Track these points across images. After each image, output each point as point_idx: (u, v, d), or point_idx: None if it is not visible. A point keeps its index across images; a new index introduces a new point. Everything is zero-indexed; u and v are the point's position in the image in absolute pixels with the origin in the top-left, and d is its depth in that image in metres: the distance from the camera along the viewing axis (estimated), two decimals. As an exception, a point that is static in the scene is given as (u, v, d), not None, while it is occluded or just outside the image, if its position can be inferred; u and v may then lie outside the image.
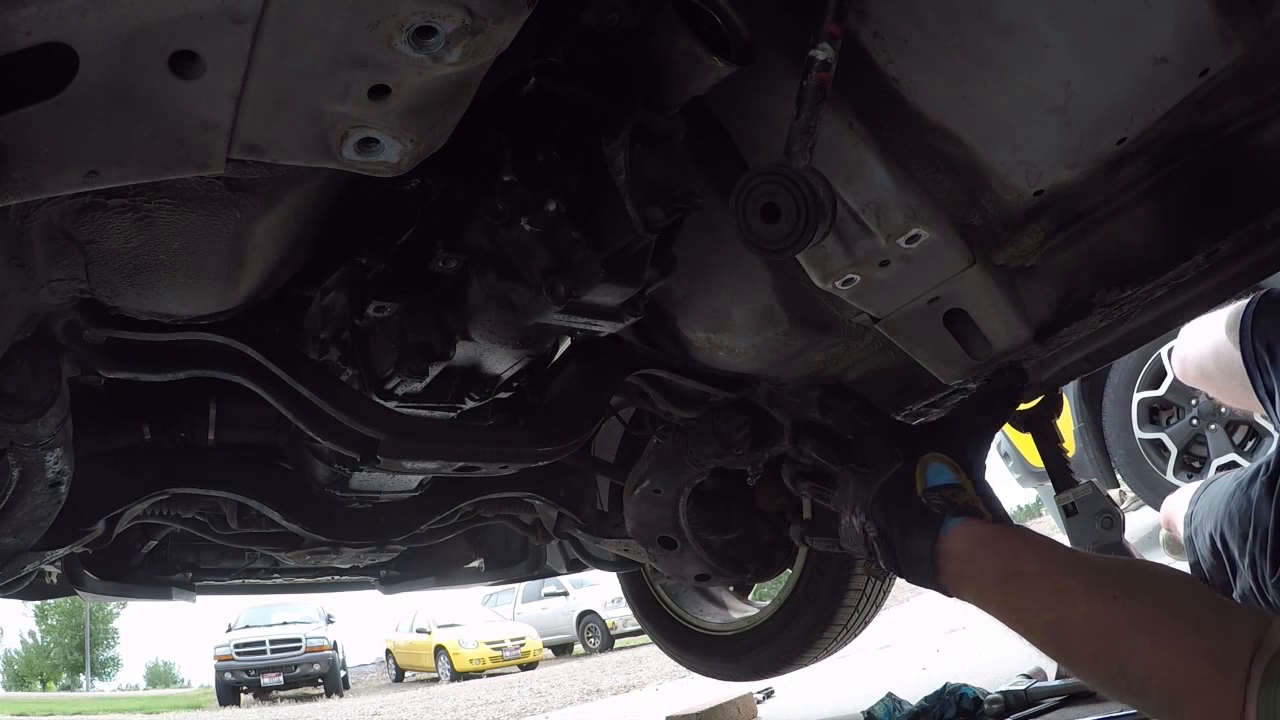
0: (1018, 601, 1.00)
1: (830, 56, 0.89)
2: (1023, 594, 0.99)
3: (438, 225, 1.20)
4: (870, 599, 2.08)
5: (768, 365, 1.49)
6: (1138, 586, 0.93)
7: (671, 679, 4.90)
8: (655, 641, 2.58)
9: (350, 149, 0.81)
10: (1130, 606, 0.90)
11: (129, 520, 1.70)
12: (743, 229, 0.95)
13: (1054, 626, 0.96)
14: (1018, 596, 1.00)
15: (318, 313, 1.32)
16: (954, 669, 2.43)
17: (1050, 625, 0.96)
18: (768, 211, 0.93)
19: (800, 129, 0.91)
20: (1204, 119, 1.03)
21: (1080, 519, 1.79)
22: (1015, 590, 1.00)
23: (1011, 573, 1.01)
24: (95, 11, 0.64)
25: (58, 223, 0.92)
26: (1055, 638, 0.97)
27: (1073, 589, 0.95)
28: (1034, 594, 0.98)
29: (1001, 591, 1.02)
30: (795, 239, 0.92)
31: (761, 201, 0.93)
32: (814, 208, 0.90)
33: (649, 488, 1.81)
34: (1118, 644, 0.89)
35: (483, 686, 9.73)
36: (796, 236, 0.91)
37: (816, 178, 0.91)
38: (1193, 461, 3.62)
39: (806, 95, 0.90)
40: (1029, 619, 0.99)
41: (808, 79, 0.90)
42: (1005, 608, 1.01)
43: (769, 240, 0.93)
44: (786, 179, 0.91)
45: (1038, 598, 0.97)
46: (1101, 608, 0.91)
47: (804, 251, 1.17)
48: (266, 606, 16.87)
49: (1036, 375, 1.47)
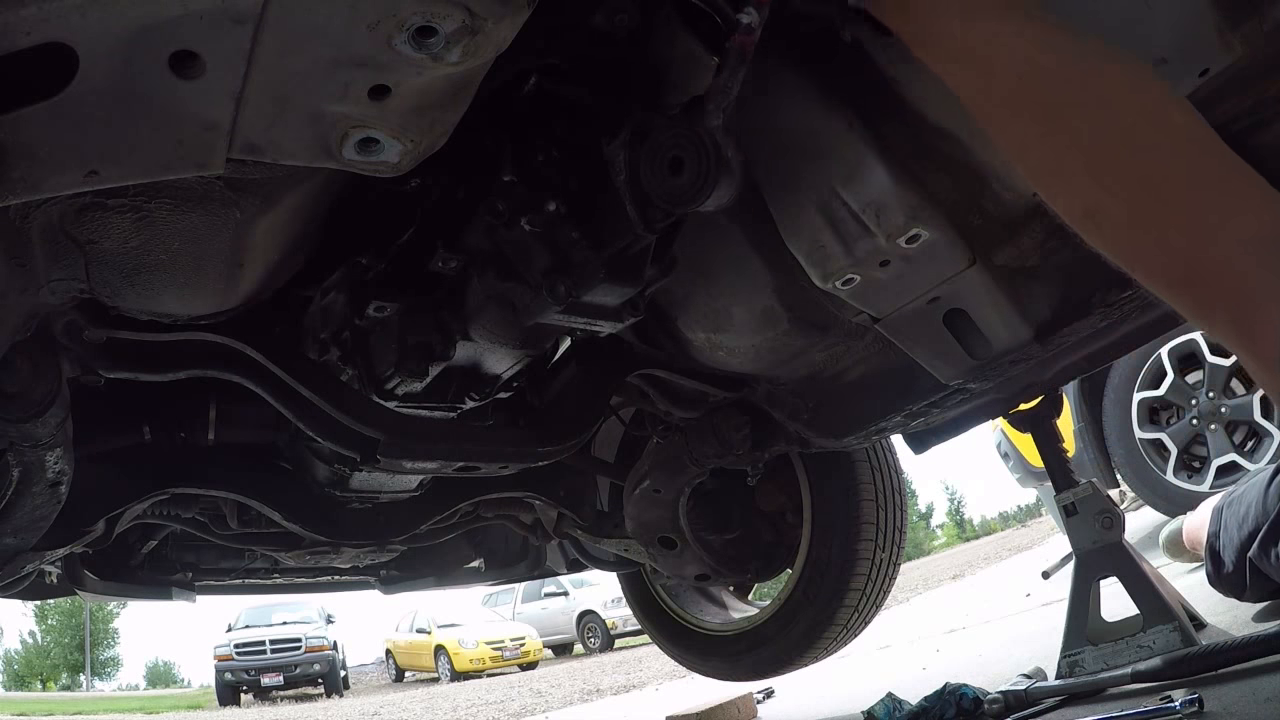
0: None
1: (755, 21, 0.89)
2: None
3: (438, 225, 1.20)
4: (870, 599, 2.07)
5: (768, 365, 1.49)
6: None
7: (671, 679, 4.90)
8: (655, 641, 2.58)
9: (350, 149, 0.81)
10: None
11: (129, 520, 1.70)
12: (646, 179, 0.97)
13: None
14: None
15: (318, 313, 1.32)
16: (954, 669, 2.43)
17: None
18: (674, 164, 0.95)
19: (717, 89, 0.92)
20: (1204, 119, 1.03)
21: (1080, 519, 1.80)
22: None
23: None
24: (95, 11, 0.64)
25: (58, 223, 0.92)
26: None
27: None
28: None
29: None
30: (694, 193, 0.94)
31: (669, 154, 0.95)
32: (717, 165, 0.92)
33: (649, 488, 1.81)
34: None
35: (483, 686, 9.73)
36: (695, 191, 0.93)
37: (727, 138, 0.93)
38: (1193, 461, 3.62)
39: (729, 57, 0.91)
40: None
41: (731, 41, 0.90)
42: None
43: (668, 192, 0.95)
44: (695, 135, 0.93)
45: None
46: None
47: (801, 251, 1.18)
48: (266, 606, 16.88)
49: (1036, 375, 1.47)
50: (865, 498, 2.02)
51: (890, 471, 2.08)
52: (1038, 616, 3.15)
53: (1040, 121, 0.74)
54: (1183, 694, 1.35)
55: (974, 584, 7.20)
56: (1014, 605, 3.85)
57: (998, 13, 0.79)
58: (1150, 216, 0.68)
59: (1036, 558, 6.56)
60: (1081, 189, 0.72)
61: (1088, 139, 0.71)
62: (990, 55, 0.77)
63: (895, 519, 2.06)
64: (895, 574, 2.11)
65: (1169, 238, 0.67)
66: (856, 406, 1.53)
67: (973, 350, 1.29)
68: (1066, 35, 0.76)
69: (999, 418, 1.76)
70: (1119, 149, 0.70)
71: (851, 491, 2.02)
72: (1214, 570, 1.94)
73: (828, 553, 2.02)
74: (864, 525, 2.01)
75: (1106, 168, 0.70)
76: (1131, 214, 0.69)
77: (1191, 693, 1.34)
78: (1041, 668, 1.82)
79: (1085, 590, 1.76)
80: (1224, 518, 1.92)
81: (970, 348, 1.29)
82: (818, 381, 1.55)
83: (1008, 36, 0.77)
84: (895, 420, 1.53)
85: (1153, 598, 1.69)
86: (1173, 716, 1.31)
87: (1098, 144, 0.71)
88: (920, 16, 0.83)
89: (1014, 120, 0.76)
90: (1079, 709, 1.54)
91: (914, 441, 1.79)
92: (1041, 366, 1.40)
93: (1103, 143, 0.71)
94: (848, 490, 2.02)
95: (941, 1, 0.81)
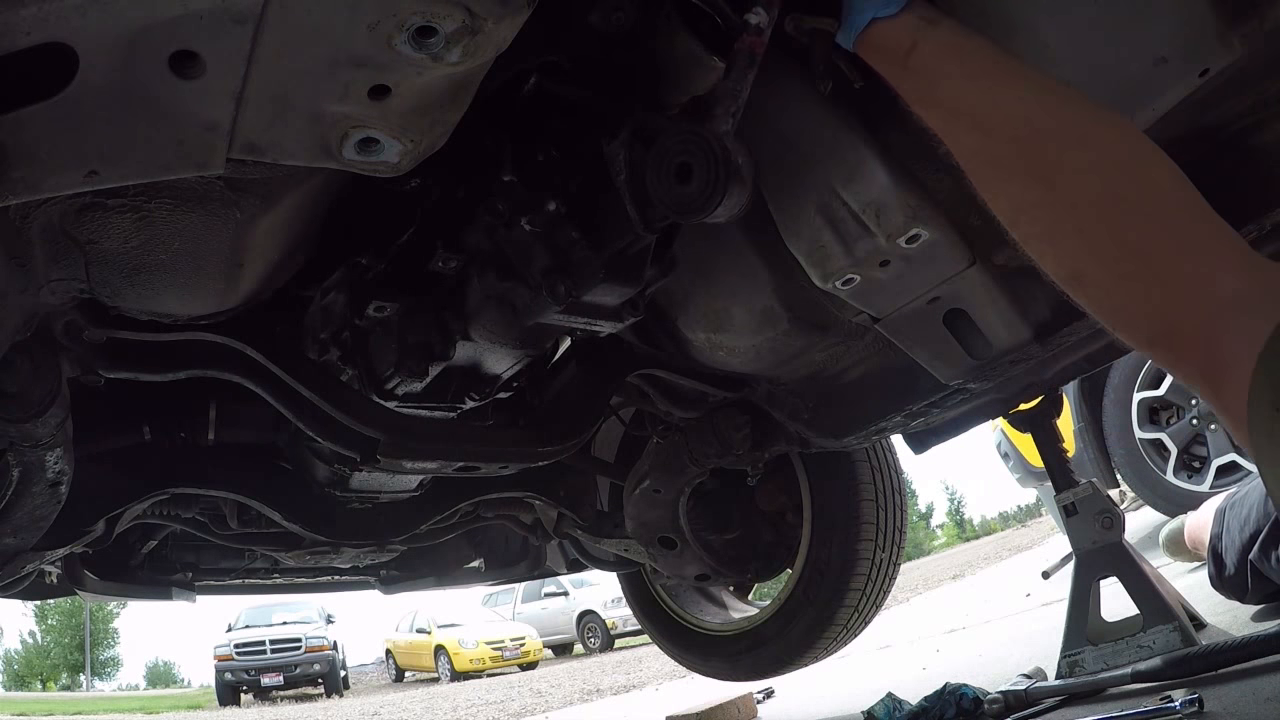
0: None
1: (764, 22, 0.86)
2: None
3: (438, 225, 1.20)
4: (870, 599, 2.08)
5: (768, 365, 1.49)
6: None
7: (671, 679, 4.90)
8: (655, 641, 2.58)
9: (350, 149, 0.81)
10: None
11: (129, 520, 1.70)
12: (652, 185, 0.93)
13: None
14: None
15: (318, 313, 1.32)
16: (954, 669, 2.43)
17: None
18: (681, 171, 0.91)
19: (726, 92, 0.89)
20: (1204, 119, 1.03)
21: (1080, 519, 1.80)
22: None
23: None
24: (95, 11, 0.64)
25: (58, 223, 0.92)
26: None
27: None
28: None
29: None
30: (704, 202, 0.89)
31: (676, 160, 0.91)
32: (727, 173, 0.88)
33: (649, 488, 1.81)
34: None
35: (483, 686, 9.72)
36: (704, 199, 0.89)
37: (737, 144, 0.89)
38: (1192, 461, 3.62)
39: (738, 59, 0.88)
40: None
41: (740, 42, 0.88)
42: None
43: (676, 200, 0.91)
44: (705, 140, 0.89)
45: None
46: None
47: (801, 251, 1.18)
48: (266, 606, 16.87)
49: (1036, 375, 1.47)
50: (865, 498, 2.02)
51: (890, 471, 2.08)
52: (1038, 616, 3.15)
53: (1035, 184, 0.76)
54: (1183, 694, 1.35)
55: (974, 584, 7.20)
56: (1014, 605, 3.86)
57: (997, 75, 0.80)
58: (1134, 277, 0.70)
59: (1036, 558, 6.56)
60: (1070, 251, 0.74)
61: (1080, 202, 0.73)
62: (988, 117, 0.78)
63: (895, 519, 2.06)
64: (895, 574, 2.12)
65: (1150, 297, 0.69)
66: (856, 406, 1.53)
67: (973, 350, 1.29)
68: (1061, 97, 0.77)
69: (999, 418, 1.76)
70: (1109, 211, 0.71)
71: (851, 491, 2.02)
72: (1216, 572, 1.94)
73: (828, 553, 2.02)
74: (864, 525, 2.01)
75: (1096, 231, 0.72)
76: (1117, 275, 0.71)
77: (1191, 693, 1.34)
78: (1041, 668, 1.82)
79: (1085, 590, 1.76)
80: (1226, 520, 1.92)
81: (970, 348, 1.29)
82: (818, 381, 1.55)
83: (1006, 99, 0.78)
84: (895, 420, 1.53)
85: (1153, 598, 1.69)
86: (1173, 716, 1.31)
87: (1089, 207, 0.72)
88: (920, 75, 0.83)
89: (1010, 182, 0.78)
90: (1079, 709, 1.54)
91: (914, 441, 1.79)
92: (1041, 366, 1.40)
93: (1094, 205, 0.72)
94: (848, 490, 2.02)
95: (942, 63, 0.82)
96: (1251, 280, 0.64)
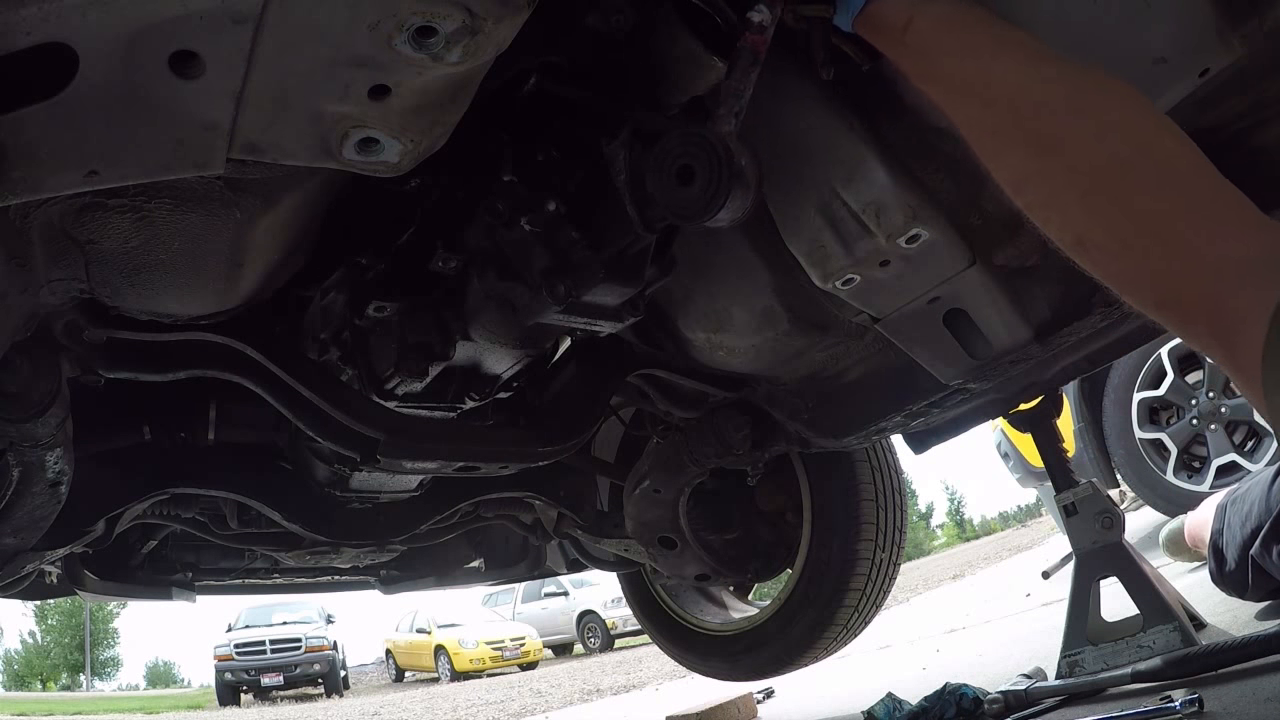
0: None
1: (767, 19, 0.85)
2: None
3: (438, 225, 1.20)
4: (870, 599, 2.08)
5: (768, 365, 1.49)
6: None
7: (671, 679, 4.90)
8: (655, 641, 2.58)
9: (350, 149, 0.81)
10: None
11: (129, 520, 1.70)
12: (653, 187, 0.91)
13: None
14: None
15: (318, 313, 1.32)
16: (954, 669, 2.43)
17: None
18: (683, 173, 0.89)
19: (730, 91, 0.88)
20: (1204, 119, 1.03)
21: (1080, 519, 1.80)
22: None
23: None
24: (95, 11, 0.64)
25: (58, 223, 0.92)
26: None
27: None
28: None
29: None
30: (706, 205, 0.87)
31: (678, 162, 0.89)
32: (730, 176, 0.86)
33: (649, 488, 1.81)
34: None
35: (483, 686, 9.72)
36: (706, 202, 0.87)
37: (740, 146, 0.87)
38: (1193, 461, 3.62)
39: (740, 58, 0.87)
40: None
41: (742, 41, 0.86)
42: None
43: (677, 203, 0.89)
44: (707, 142, 0.87)
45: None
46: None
47: (801, 251, 1.18)
48: (266, 606, 16.87)
49: (1036, 375, 1.47)
50: (865, 498, 2.02)
51: (890, 471, 2.08)
52: (1038, 616, 3.15)
53: (1037, 153, 0.76)
54: (1183, 694, 1.35)
55: (974, 584, 7.20)
56: (1014, 605, 3.86)
57: (994, 46, 0.80)
58: (1140, 241, 0.69)
59: (1036, 558, 6.56)
60: (1074, 218, 0.74)
61: (1082, 169, 0.73)
62: (987, 88, 0.79)
63: (895, 519, 2.06)
64: (895, 574, 2.12)
65: (1157, 260, 0.69)
66: (856, 406, 1.53)
67: (973, 350, 1.29)
68: (1061, 65, 0.77)
69: (999, 418, 1.76)
70: (1112, 178, 0.71)
71: (851, 491, 2.02)
72: (1217, 568, 1.94)
73: (828, 553, 2.02)
74: (864, 525, 2.01)
75: (1100, 196, 0.72)
76: (1122, 240, 0.71)
77: (1191, 693, 1.34)
78: (1041, 668, 1.82)
79: (1085, 590, 1.76)
80: (1227, 516, 1.92)
81: (970, 348, 1.29)
82: (818, 381, 1.55)
83: (1004, 69, 0.78)
84: (895, 420, 1.53)
85: (1153, 598, 1.69)
86: (1173, 716, 1.31)
87: (1092, 174, 0.72)
88: (918, 49, 0.84)
89: (1011, 152, 0.78)
90: (1079, 709, 1.54)
91: (914, 441, 1.79)
92: (1041, 366, 1.40)
93: (1096, 172, 0.72)
94: (848, 490, 2.02)
95: (940, 36, 0.83)
96: (1262, 241, 0.64)
